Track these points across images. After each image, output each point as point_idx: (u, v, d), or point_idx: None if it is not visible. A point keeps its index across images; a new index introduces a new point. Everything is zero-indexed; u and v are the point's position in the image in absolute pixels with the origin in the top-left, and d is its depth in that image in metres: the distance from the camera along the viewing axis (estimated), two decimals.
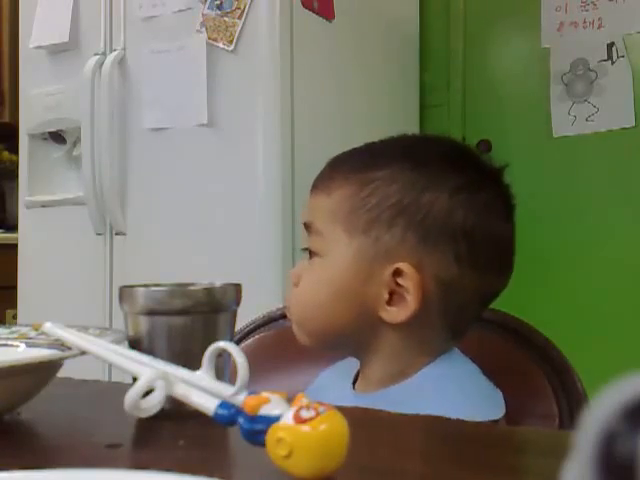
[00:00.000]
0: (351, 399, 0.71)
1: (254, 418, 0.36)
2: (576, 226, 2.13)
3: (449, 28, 2.37)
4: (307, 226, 0.73)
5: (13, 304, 2.18)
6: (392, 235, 0.68)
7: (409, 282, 0.66)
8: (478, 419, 0.64)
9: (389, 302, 0.67)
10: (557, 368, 0.77)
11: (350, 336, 0.70)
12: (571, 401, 0.74)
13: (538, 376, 0.77)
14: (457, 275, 0.68)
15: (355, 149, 0.76)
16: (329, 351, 0.77)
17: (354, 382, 0.75)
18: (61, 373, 0.53)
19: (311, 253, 0.72)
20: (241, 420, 0.37)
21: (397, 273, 0.67)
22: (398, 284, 0.67)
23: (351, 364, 0.76)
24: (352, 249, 0.69)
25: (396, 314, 0.67)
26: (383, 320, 0.68)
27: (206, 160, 1.81)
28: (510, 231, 0.74)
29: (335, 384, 0.76)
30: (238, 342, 0.93)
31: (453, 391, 0.69)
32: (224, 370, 0.52)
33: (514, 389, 0.70)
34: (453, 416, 0.63)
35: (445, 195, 0.68)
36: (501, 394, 0.69)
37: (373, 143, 0.76)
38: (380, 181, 0.69)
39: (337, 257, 0.69)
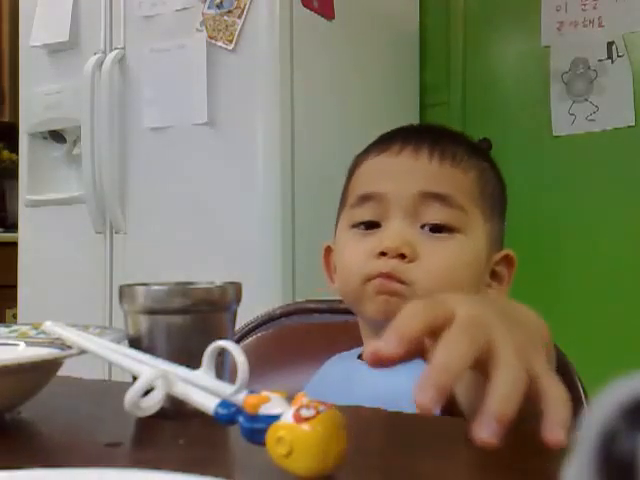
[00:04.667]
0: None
1: (254, 417, 0.36)
2: (576, 225, 2.13)
3: (449, 28, 2.37)
4: (443, 198, 0.68)
5: (13, 303, 2.18)
6: (498, 223, 0.72)
7: (505, 269, 0.71)
8: None
9: (488, 285, 0.71)
10: (557, 368, 0.77)
11: None
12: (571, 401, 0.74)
13: None
14: None
15: (425, 127, 0.81)
16: None
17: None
18: (61, 372, 0.53)
19: (437, 228, 0.68)
20: (241, 419, 0.37)
21: (501, 260, 0.71)
22: (493, 270, 0.71)
23: (352, 352, 0.77)
24: (486, 233, 0.69)
25: (495, 296, 0.70)
26: None
27: (206, 159, 1.81)
28: None
29: (342, 364, 0.76)
30: (238, 341, 0.93)
31: None
32: (224, 369, 0.52)
33: None
34: None
35: (505, 189, 0.76)
36: None
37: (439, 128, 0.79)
38: (488, 171, 0.72)
39: (477, 238, 0.68)
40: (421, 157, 0.68)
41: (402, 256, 0.66)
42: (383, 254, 0.66)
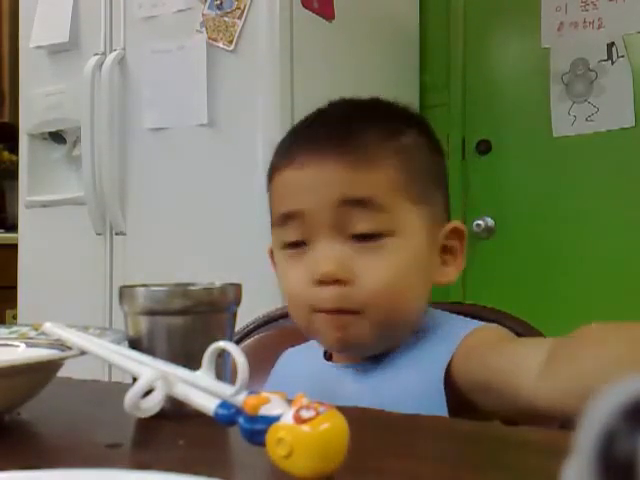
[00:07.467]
0: (333, 370, 0.71)
1: (254, 418, 0.36)
2: (576, 226, 2.13)
3: (449, 28, 2.37)
4: (362, 202, 0.63)
5: (13, 304, 2.18)
6: (438, 198, 0.69)
7: (456, 241, 0.68)
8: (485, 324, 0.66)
9: (440, 265, 0.68)
10: None
11: (419, 313, 0.67)
12: None
13: None
14: None
15: (336, 114, 0.73)
16: (383, 345, 0.67)
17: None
18: (61, 373, 0.53)
19: (360, 237, 0.63)
20: (241, 420, 0.37)
21: (450, 234, 0.68)
22: (443, 245, 0.68)
23: (309, 348, 0.75)
24: (421, 219, 0.65)
25: (451, 274, 0.68)
26: (436, 284, 0.68)
27: (206, 160, 1.81)
28: None
29: (304, 360, 0.75)
30: (238, 342, 0.93)
31: (451, 317, 0.70)
32: (224, 370, 0.52)
33: None
34: (464, 329, 0.64)
35: (440, 152, 0.72)
36: None
37: (349, 111, 0.73)
38: (413, 148, 0.68)
39: (411, 231, 0.64)
40: (328, 164, 0.63)
41: (340, 280, 0.62)
42: (322, 281, 0.63)
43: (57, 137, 2.14)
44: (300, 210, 0.64)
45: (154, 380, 0.41)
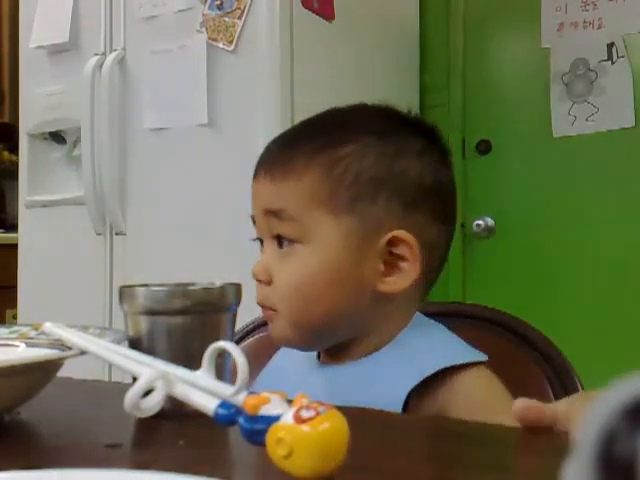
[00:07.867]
0: (321, 371, 0.72)
1: (254, 418, 0.36)
2: (576, 226, 2.13)
3: (449, 28, 2.37)
4: (276, 213, 0.69)
5: (13, 304, 2.19)
6: (378, 208, 0.68)
7: (405, 249, 0.67)
8: (467, 359, 0.66)
9: (385, 274, 0.67)
10: (557, 368, 0.77)
11: (348, 318, 0.68)
12: None
13: (538, 376, 0.77)
14: (435, 234, 0.70)
15: (295, 129, 0.79)
16: (317, 344, 0.72)
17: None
18: (61, 373, 0.53)
19: (281, 242, 0.69)
20: (241, 420, 0.37)
21: (392, 242, 0.67)
22: (391, 254, 0.67)
23: None
24: (341, 229, 0.67)
25: (397, 283, 0.67)
26: (381, 293, 0.68)
27: (206, 160, 1.81)
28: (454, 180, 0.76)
29: (296, 361, 0.75)
30: (238, 342, 0.93)
31: (438, 337, 0.70)
32: (224, 370, 0.52)
33: (514, 389, 0.70)
34: (442, 359, 0.65)
35: (414, 158, 0.70)
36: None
37: (311, 120, 0.78)
38: (351, 157, 0.68)
39: (325, 240, 0.67)
40: (259, 178, 0.72)
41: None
42: (255, 280, 0.71)
43: (57, 137, 2.14)
44: (253, 215, 0.74)
45: (154, 380, 0.41)
